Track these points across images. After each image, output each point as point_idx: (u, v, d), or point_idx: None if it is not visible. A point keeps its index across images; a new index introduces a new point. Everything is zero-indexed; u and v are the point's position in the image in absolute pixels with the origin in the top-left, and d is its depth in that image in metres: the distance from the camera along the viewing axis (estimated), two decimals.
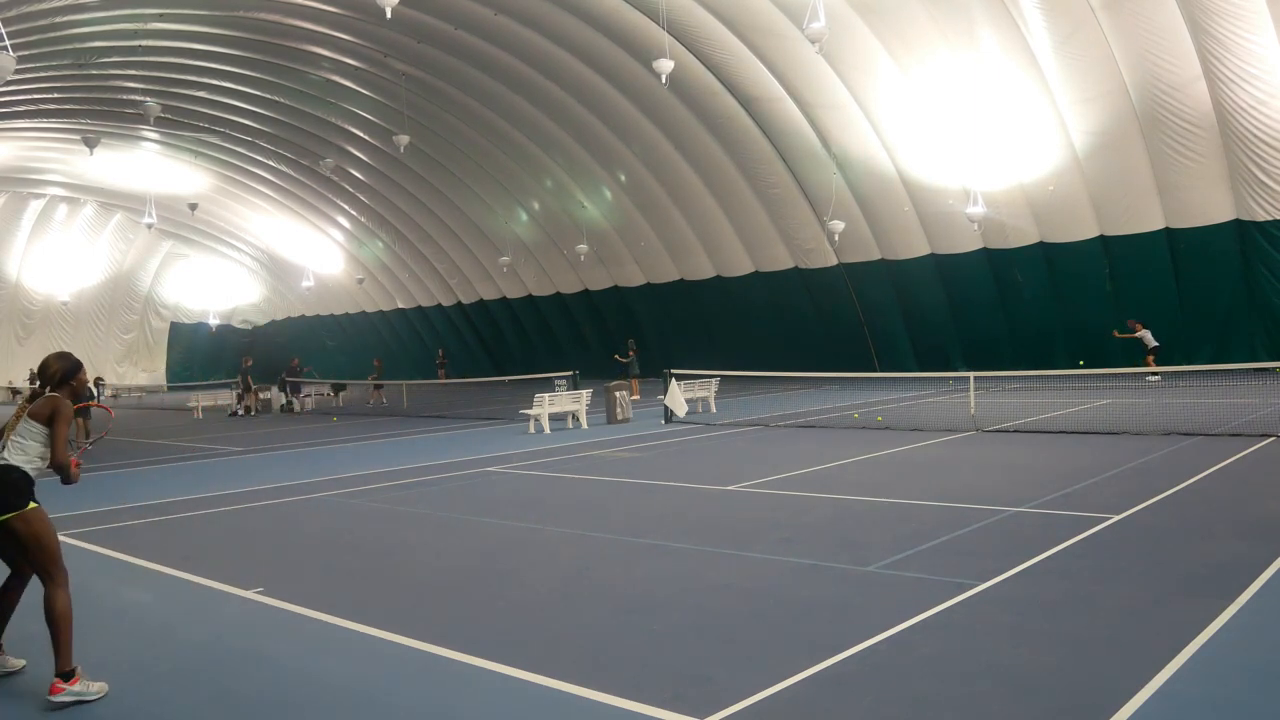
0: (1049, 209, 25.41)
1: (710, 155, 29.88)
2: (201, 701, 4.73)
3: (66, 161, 41.03)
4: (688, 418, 19.24)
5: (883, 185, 27.41)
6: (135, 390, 49.26)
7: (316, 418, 26.68)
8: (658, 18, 23.10)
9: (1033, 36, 21.58)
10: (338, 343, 53.12)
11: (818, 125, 26.79)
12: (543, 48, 27.51)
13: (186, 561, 7.83)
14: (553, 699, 4.50)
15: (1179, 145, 22.28)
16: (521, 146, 33.40)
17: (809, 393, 25.06)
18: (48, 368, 5.26)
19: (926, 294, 29.04)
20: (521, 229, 38.63)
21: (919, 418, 17.22)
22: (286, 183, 41.70)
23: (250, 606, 6.45)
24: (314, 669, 5.14)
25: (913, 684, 4.46)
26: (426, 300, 46.18)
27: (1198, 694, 4.21)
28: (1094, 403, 18.60)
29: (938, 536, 7.46)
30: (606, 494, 10.70)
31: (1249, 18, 19.25)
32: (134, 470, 15.54)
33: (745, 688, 4.45)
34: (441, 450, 16.02)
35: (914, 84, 24.16)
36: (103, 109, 33.77)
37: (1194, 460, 10.77)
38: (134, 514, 10.55)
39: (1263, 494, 8.75)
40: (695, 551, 7.48)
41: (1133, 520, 7.78)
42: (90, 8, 24.18)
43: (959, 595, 5.79)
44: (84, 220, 49.99)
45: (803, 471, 11.43)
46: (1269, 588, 5.69)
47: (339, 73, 31.03)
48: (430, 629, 5.65)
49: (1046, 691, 4.31)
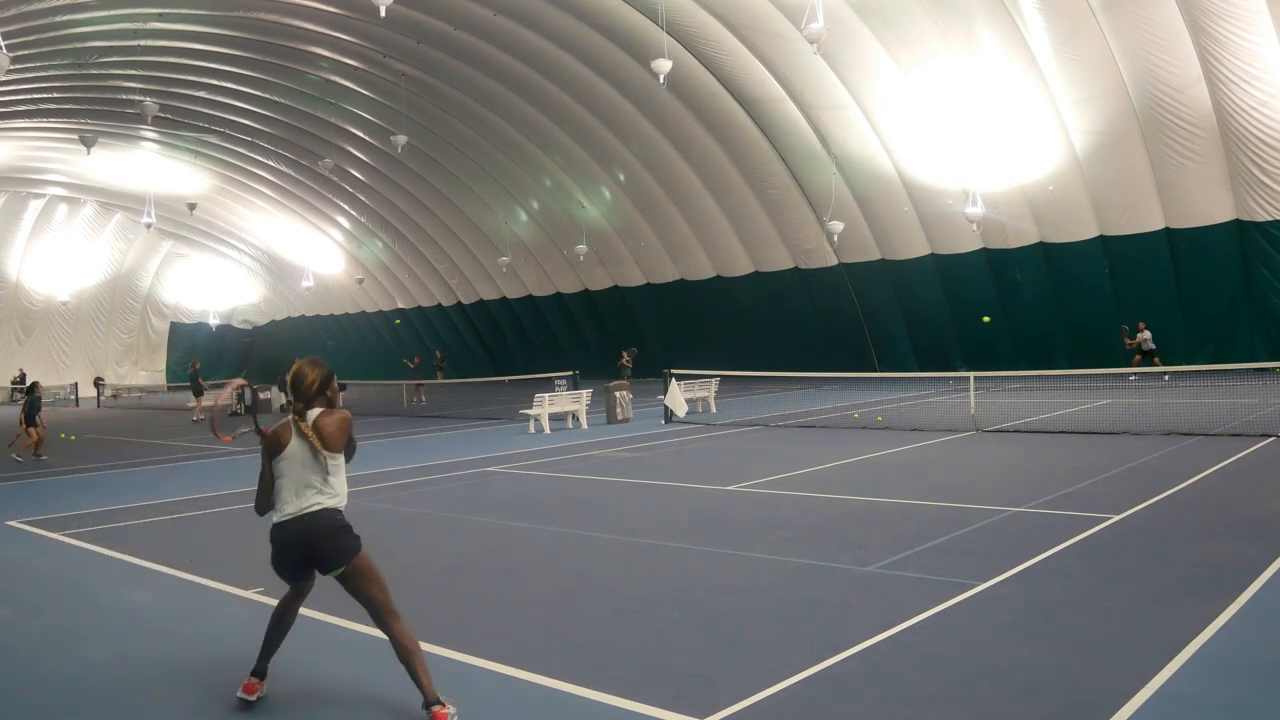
0: (1049, 209, 25.41)
1: (710, 155, 29.88)
2: (202, 701, 4.73)
3: (66, 161, 41.01)
4: (688, 418, 19.24)
5: (883, 185, 27.41)
6: (135, 390, 49.22)
7: None
8: (657, 18, 23.10)
9: (1033, 37, 21.58)
10: (337, 343, 53.11)
11: (817, 125, 26.79)
12: (542, 48, 27.51)
13: (186, 561, 7.82)
14: (553, 699, 4.50)
15: (1179, 145, 22.28)
16: (521, 147, 33.40)
17: (809, 393, 25.05)
18: (303, 378, 4.38)
19: (926, 294, 29.05)
20: (521, 229, 38.63)
21: (919, 418, 17.22)
22: (286, 183, 41.69)
23: (250, 606, 6.44)
24: (314, 669, 5.14)
25: (913, 684, 4.46)
26: (426, 300, 46.18)
27: (1198, 694, 4.21)
28: (1094, 403, 18.60)
29: (938, 536, 7.46)
30: (606, 494, 10.69)
31: (1249, 18, 19.25)
32: (134, 470, 15.53)
33: (745, 688, 4.44)
34: (441, 450, 16.02)
35: (914, 84, 24.16)
36: (102, 109, 33.75)
37: (1194, 460, 10.76)
38: (134, 514, 10.54)
39: (1263, 494, 8.74)
40: (695, 551, 7.48)
41: (1133, 520, 7.78)
42: (89, 7, 24.17)
43: (959, 595, 5.79)
44: (84, 220, 49.96)
45: (803, 471, 11.43)
46: (1269, 588, 5.69)
47: (338, 73, 31.03)
48: (430, 629, 5.63)
49: (1046, 691, 4.31)
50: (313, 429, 4.31)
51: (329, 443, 4.31)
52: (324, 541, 4.28)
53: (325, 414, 4.38)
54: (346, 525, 4.38)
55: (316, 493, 4.30)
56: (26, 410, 17.61)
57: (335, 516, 4.33)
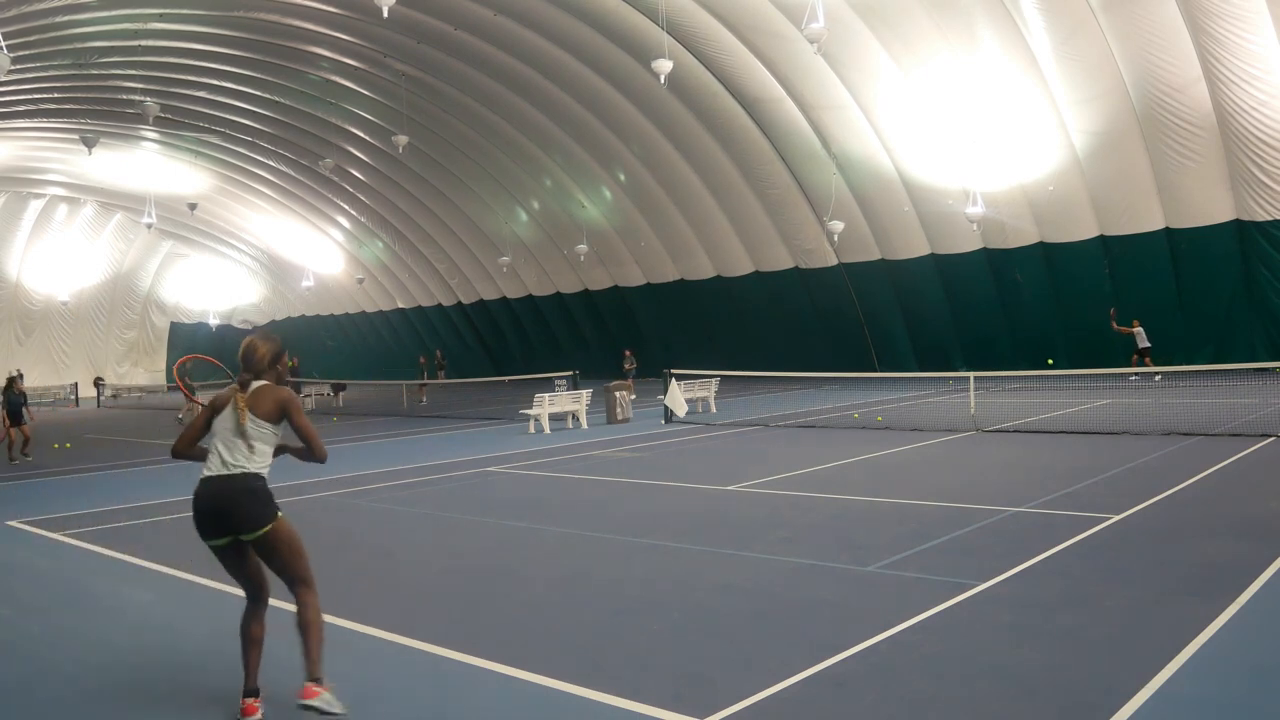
0: (1049, 209, 25.42)
1: (710, 155, 29.88)
2: (201, 702, 4.73)
3: (66, 161, 41.03)
4: (688, 418, 19.25)
5: (883, 185, 27.42)
6: (135, 390, 49.23)
7: (316, 418, 26.67)
8: (657, 18, 23.10)
9: (1033, 37, 21.58)
10: (338, 343, 53.12)
11: (818, 125, 26.79)
12: (542, 48, 27.52)
13: (186, 561, 7.81)
14: (553, 699, 4.50)
15: (1179, 145, 22.28)
16: (521, 146, 33.41)
17: (809, 393, 25.05)
18: (254, 350, 4.60)
19: (926, 294, 29.05)
20: (521, 229, 38.63)
21: (919, 418, 17.22)
22: (286, 183, 41.70)
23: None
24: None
25: (913, 684, 4.46)
26: (427, 300, 46.19)
27: (1198, 694, 4.21)
28: (1094, 403, 18.60)
29: (938, 536, 7.46)
30: (606, 494, 10.69)
31: (1249, 18, 19.25)
32: (134, 470, 15.53)
33: (745, 688, 4.44)
34: (441, 450, 16.02)
35: (914, 84, 24.16)
36: (102, 109, 33.76)
37: (1194, 460, 10.76)
38: (134, 514, 10.55)
39: (1263, 494, 8.74)
40: (695, 551, 7.48)
41: (1133, 520, 7.78)
42: (90, 8, 24.18)
43: (959, 595, 5.79)
44: (84, 220, 49.98)
45: (803, 471, 11.43)
46: (1269, 588, 5.69)
47: (339, 73, 31.04)
48: (430, 629, 5.64)
49: (1046, 691, 4.31)
50: (249, 398, 4.49)
51: (262, 412, 4.46)
52: (241, 501, 4.38)
53: (267, 388, 4.55)
54: (268, 493, 4.47)
55: (244, 457, 4.43)
56: (7, 410, 17.22)
57: (255, 481, 4.44)
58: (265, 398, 4.50)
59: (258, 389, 4.54)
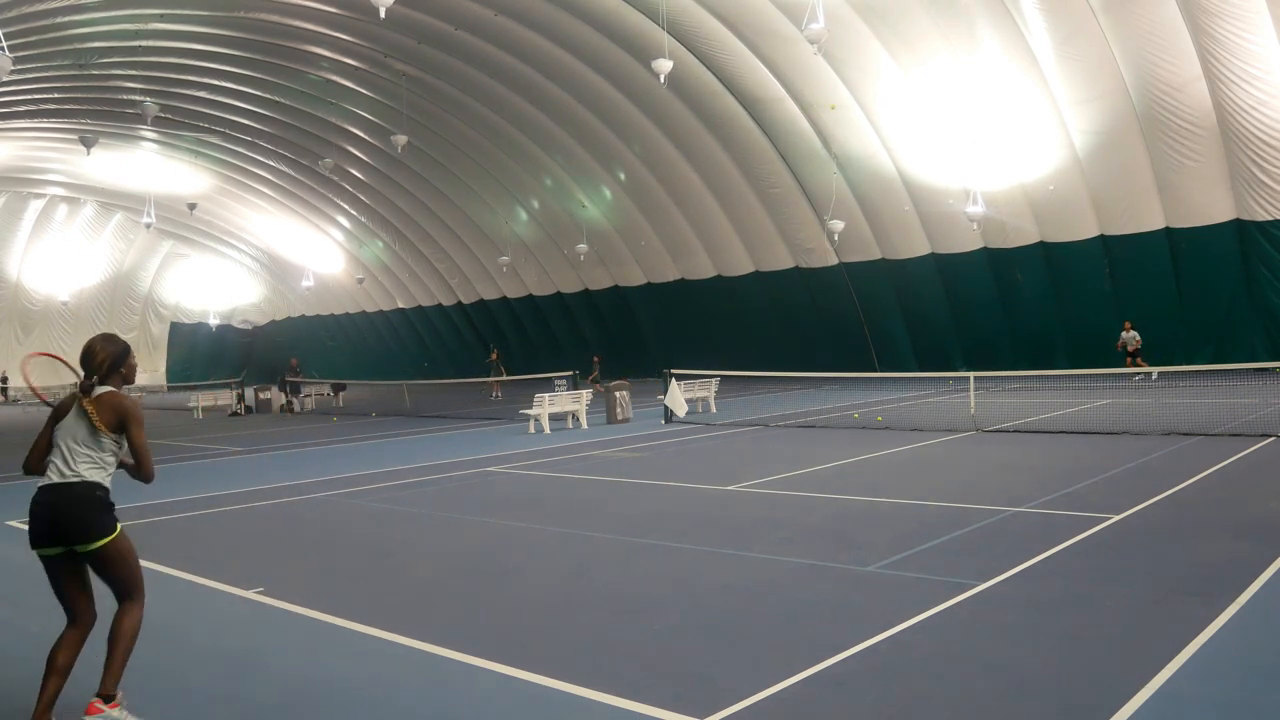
0: (1049, 209, 25.42)
1: (711, 155, 29.89)
2: (201, 702, 4.73)
3: (66, 161, 41.06)
4: (688, 418, 19.24)
5: (883, 185, 27.42)
6: (135, 390, 49.20)
7: (316, 418, 26.67)
8: (658, 18, 23.10)
9: (1033, 37, 21.59)
10: (338, 343, 53.12)
11: (818, 125, 26.80)
12: (543, 48, 27.52)
13: (186, 561, 7.82)
14: (553, 699, 4.50)
15: (1179, 145, 22.29)
16: (522, 146, 33.41)
17: (809, 393, 25.05)
18: (93, 354, 4.40)
19: (926, 294, 29.05)
20: (521, 229, 38.63)
21: (919, 418, 17.22)
22: (286, 183, 41.71)
23: (250, 606, 6.44)
24: (314, 669, 5.13)
25: (913, 684, 4.45)
26: (427, 300, 46.19)
27: (1198, 694, 4.21)
28: (1094, 403, 18.60)
29: (938, 536, 7.45)
30: (606, 494, 10.69)
31: (1249, 18, 19.25)
32: None
33: (745, 688, 4.44)
34: (441, 450, 16.01)
35: (914, 84, 24.17)
36: (102, 109, 33.79)
37: (1194, 460, 10.76)
38: (134, 514, 10.53)
39: (1263, 494, 8.74)
40: (695, 551, 7.48)
41: (1133, 520, 7.78)
42: (90, 8, 24.19)
43: (959, 595, 5.79)
44: (84, 220, 50.00)
45: (803, 471, 11.42)
46: (1269, 588, 5.69)
47: (339, 73, 31.04)
48: (430, 629, 5.64)
49: (1046, 691, 4.31)
50: (92, 404, 4.33)
51: (103, 421, 4.32)
52: (78, 511, 4.26)
53: (110, 394, 4.39)
54: (108, 504, 4.36)
55: (86, 467, 4.32)
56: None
57: (95, 490, 4.31)
58: (106, 406, 4.35)
59: (100, 395, 4.38)
